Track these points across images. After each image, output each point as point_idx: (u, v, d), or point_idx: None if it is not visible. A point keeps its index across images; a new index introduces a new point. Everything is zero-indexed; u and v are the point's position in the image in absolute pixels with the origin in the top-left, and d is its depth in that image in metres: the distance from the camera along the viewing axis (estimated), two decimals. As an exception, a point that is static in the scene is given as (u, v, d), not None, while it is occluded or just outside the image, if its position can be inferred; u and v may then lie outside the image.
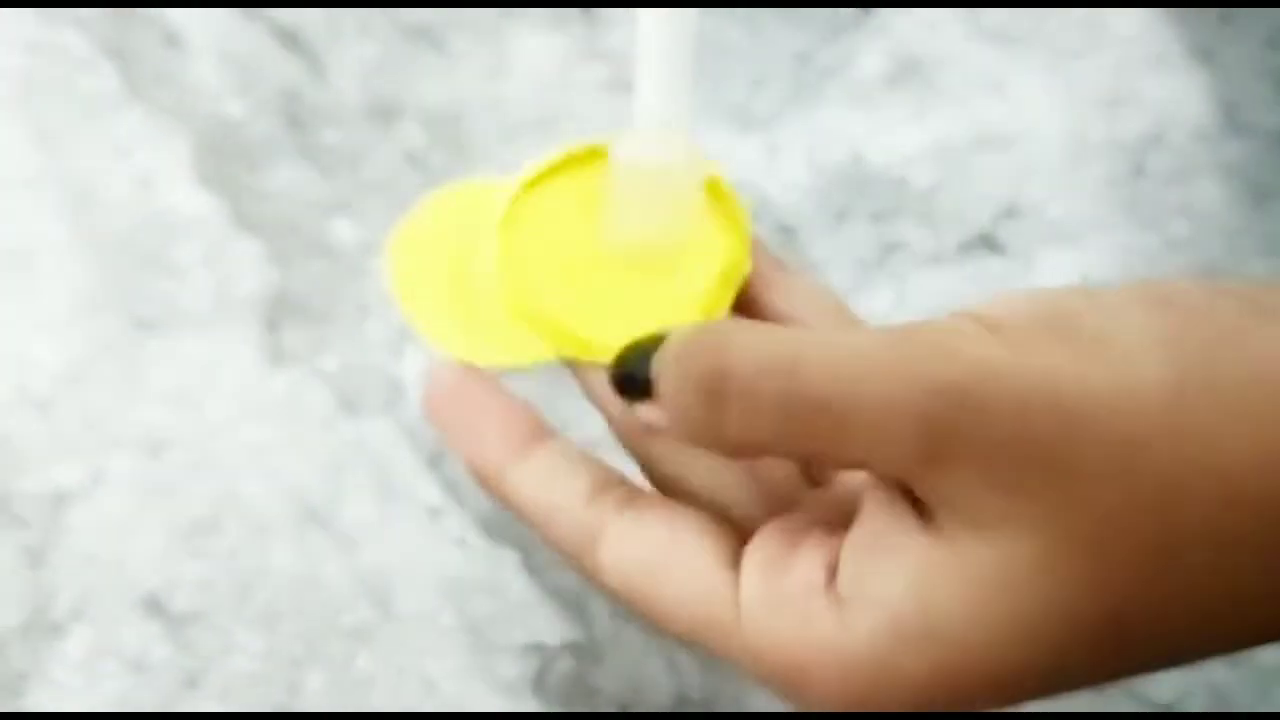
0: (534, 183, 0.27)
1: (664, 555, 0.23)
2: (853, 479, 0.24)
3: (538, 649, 0.34)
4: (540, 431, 0.26)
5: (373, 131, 0.41)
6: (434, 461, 0.36)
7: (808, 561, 0.22)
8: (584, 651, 0.34)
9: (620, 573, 0.24)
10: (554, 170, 0.27)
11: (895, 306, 0.39)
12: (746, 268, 0.27)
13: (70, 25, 0.42)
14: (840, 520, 0.23)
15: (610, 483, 0.25)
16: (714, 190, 0.27)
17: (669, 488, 0.26)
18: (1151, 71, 0.43)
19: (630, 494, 0.25)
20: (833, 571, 0.22)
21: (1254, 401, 0.19)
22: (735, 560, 0.23)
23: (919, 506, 0.21)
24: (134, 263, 0.39)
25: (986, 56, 0.43)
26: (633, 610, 0.24)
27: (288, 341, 0.37)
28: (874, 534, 0.21)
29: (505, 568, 0.34)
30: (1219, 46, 0.44)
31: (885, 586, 0.21)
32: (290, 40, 0.43)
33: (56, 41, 0.42)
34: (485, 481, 0.26)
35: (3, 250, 0.38)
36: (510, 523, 0.35)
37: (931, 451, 0.20)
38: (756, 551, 0.23)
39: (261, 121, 0.41)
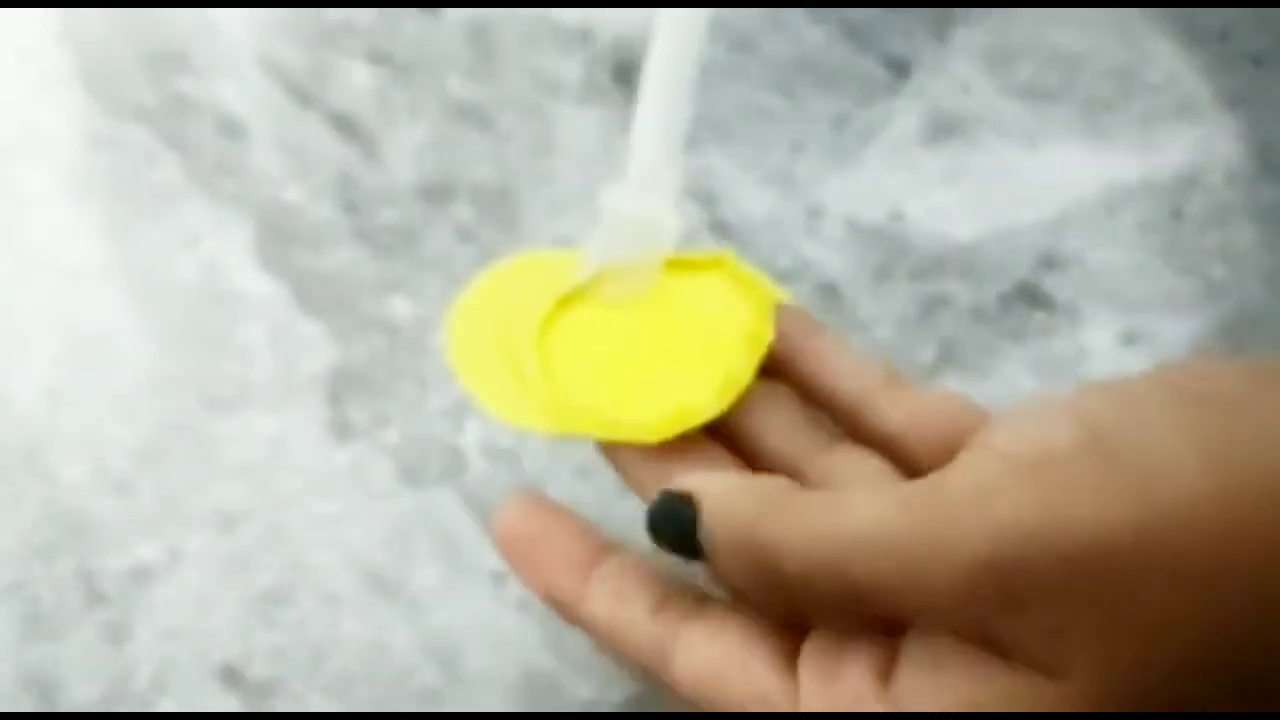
0: (567, 298, 0.29)
1: (729, 662, 0.25)
2: None
3: (603, 706, 0.34)
4: (604, 549, 0.28)
5: (426, 210, 0.43)
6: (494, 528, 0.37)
7: (858, 666, 0.23)
8: (646, 706, 0.34)
9: (691, 680, 0.25)
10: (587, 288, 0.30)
11: (941, 360, 0.40)
12: (769, 336, 0.28)
13: (132, 120, 0.44)
14: (887, 625, 0.24)
15: (673, 595, 0.26)
16: (729, 267, 0.29)
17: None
18: (1183, 118, 0.44)
19: (694, 603, 0.26)
20: (884, 672, 0.23)
21: None
22: (793, 663, 0.24)
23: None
24: (202, 345, 0.40)
25: (1019, 112, 0.44)
26: (705, 711, 0.25)
27: (351, 416, 0.39)
28: (935, 654, 0.22)
29: (567, 630, 0.35)
30: (1250, 91, 0.44)
31: (938, 698, 0.22)
32: (344, 125, 0.44)
33: (120, 136, 0.44)
34: (560, 610, 0.27)
35: (78, 337, 0.40)
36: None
37: (982, 616, 0.21)
38: (810, 657, 0.24)
39: (319, 205, 0.43)
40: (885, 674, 0.23)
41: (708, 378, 0.27)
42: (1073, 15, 0.46)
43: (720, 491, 0.24)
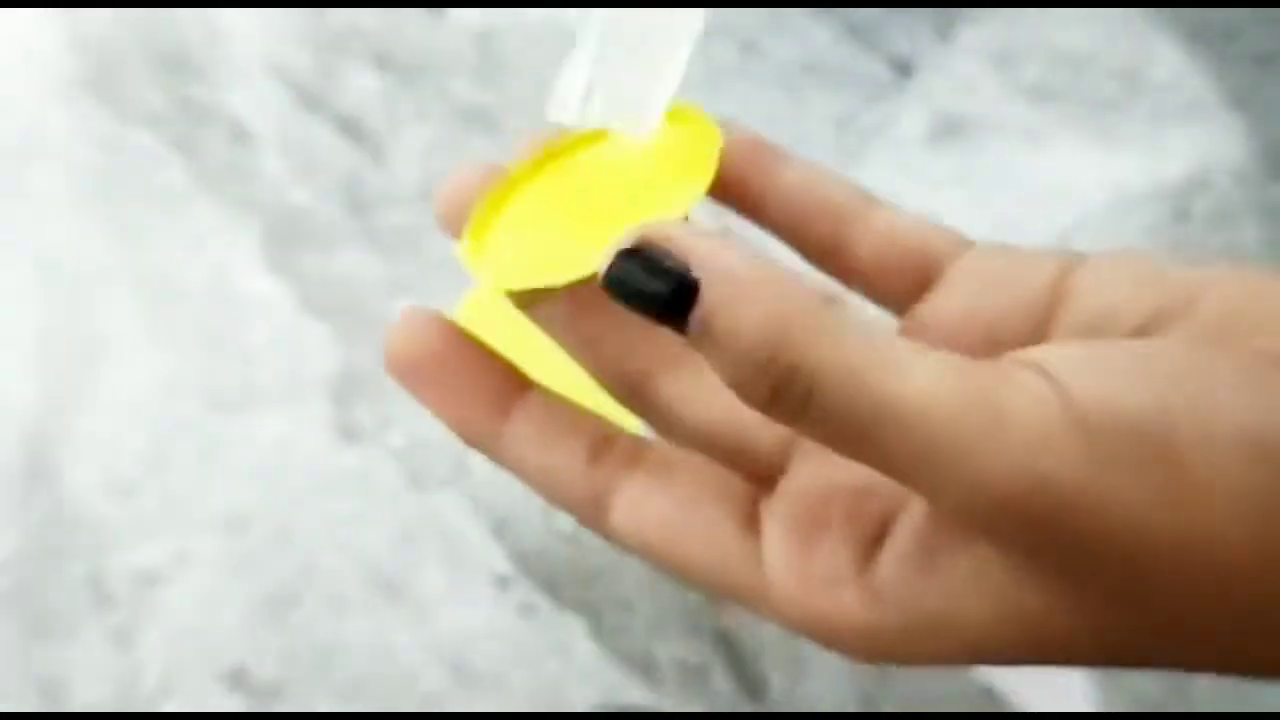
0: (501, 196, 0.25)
1: (680, 520, 0.23)
2: None
3: (607, 710, 0.34)
4: (523, 383, 0.24)
5: (431, 213, 0.43)
6: (500, 531, 0.37)
7: (836, 542, 0.22)
8: (652, 711, 0.34)
9: (636, 536, 0.23)
10: (530, 169, 0.25)
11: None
12: (711, 169, 0.23)
13: (141, 124, 0.45)
14: (866, 489, 0.22)
15: (608, 438, 0.24)
16: (682, 115, 0.25)
17: (666, 427, 0.25)
18: (1189, 118, 0.44)
19: (633, 449, 0.24)
20: (863, 553, 0.22)
21: None
22: (753, 518, 0.23)
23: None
24: (209, 347, 0.40)
25: (1024, 113, 0.44)
26: (651, 566, 0.23)
27: (357, 418, 0.39)
28: (922, 545, 0.21)
29: (572, 632, 0.35)
30: (1256, 91, 0.44)
31: (922, 598, 0.21)
32: (351, 129, 0.45)
33: (129, 140, 0.44)
34: (474, 443, 0.24)
35: (85, 339, 0.40)
36: (577, 588, 0.36)
37: (990, 532, 0.20)
38: (778, 518, 0.22)
39: (326, 208, 0.43)
40: (868, 548, 0.22)
41: (662, 197, 0.23)
42: (1077, 15, 0.46)
43: (737, 275, 0.19)
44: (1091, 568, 0.19)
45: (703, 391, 0.24)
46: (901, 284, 0.25)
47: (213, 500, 0.38)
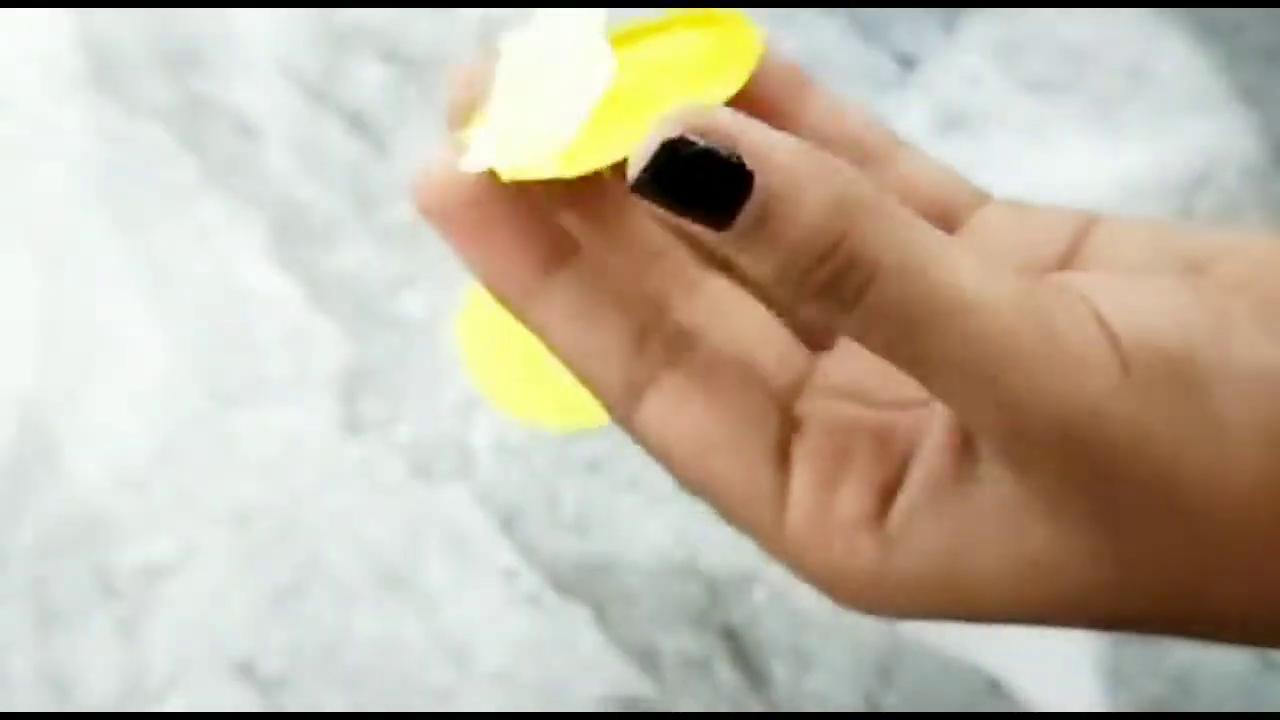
0: None
1: (712, 435, 0.22)
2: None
3: (612, 702, 0.35)
4: (570, 244, 0.22)
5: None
6: (506, 524, 0.37)
7: (857, 486, 0.21)
8: (656, 704, 0.35)
9: (661, 437, 0.22)
10: None
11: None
12: (757, 48, 0.22)
13: (148, 119, 0.45)
14: (887, 436, 0.22)
15: (652, 326, 0.22)
16: (710, 22, 0.24)
17: (695, 332, 0.23)
18: (1196, 112, 0.44)
19: (676, 344, 0.22)
20: (882, 500, 0.21)
21: None
22: (784, 453, 0.22)
23: (979, 456, 0.21)
24: (217, 342, 0.40)
25: (1030, 107, 0.44)
26: (664, 468, 0.22)
27: (364, 412, 0.39)
28: (934, 488, 0.21)
29: (578, 624, 0.35)
30: (1263, 85, 0.44)
31: (933, 541, 0.21)
32: (357, 123, 0.45)
33: (137, 134, 0.45)
34: (504, 300, 0.23)
35: (94, 335, 0.41)
36: (582, 581, 0.36)
37: (1012, 445, 0.20)
38: (807, 457, 0.22)
39: (332, 203, 0.43)
40: (886, 494, 0.21)
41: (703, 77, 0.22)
42: (1082, 9, 0.45)
43: (793, 163, 0.18)
44: (1122, 501, 0.19)
45: (718, 321, 0.23)
46: None
47: (219, 494, 0.38)
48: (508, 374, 0.38)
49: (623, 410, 0.22)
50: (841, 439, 0.22)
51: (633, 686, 0.35)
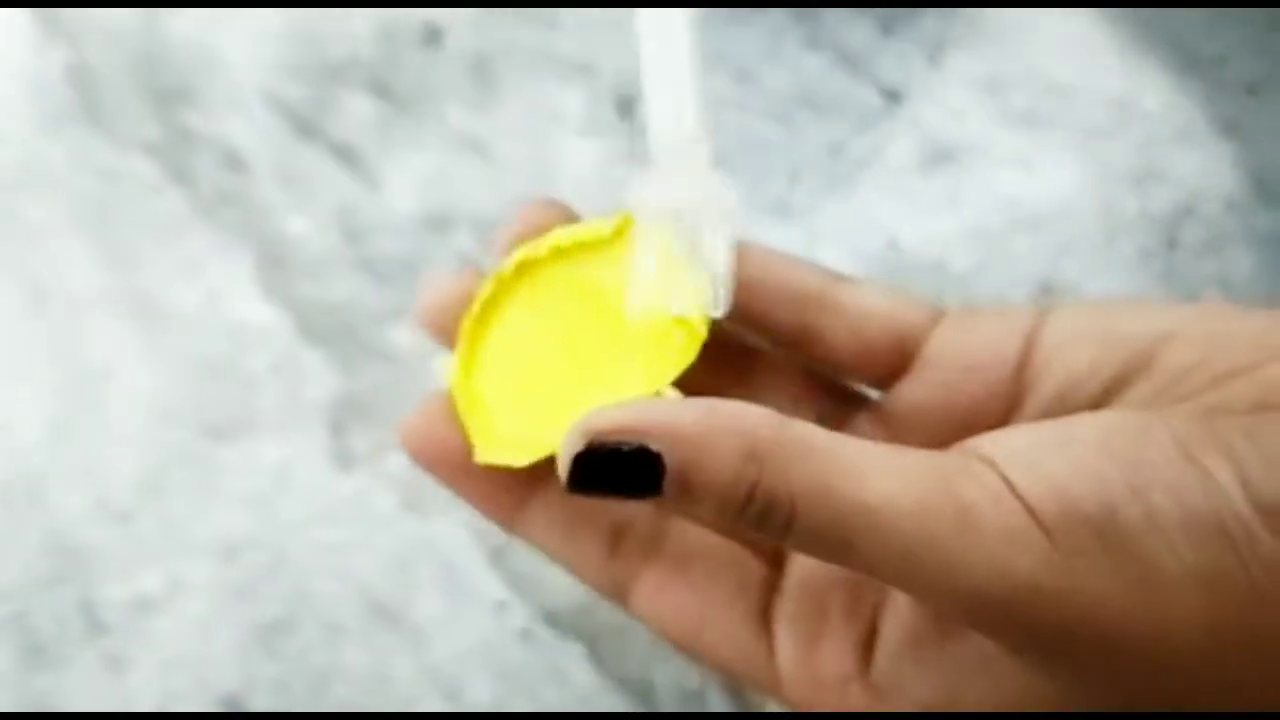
0: (490, 304, 0.26)
1: (697, 615, 0.24)
2: None
3: (605, 737, 0.34)
4: (539, 474, 0.25)
5: (427, 240, 0.43)
6: (497, 557, 0.37)
7: (837, 644, 0.23)
8: (649, 711, 0.34)
9: (656, 622, 0.24)
10: (497, 295, 0.26)
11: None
12: (702, 333, 0.24)
13: (136, 152, 0.45)
14: (858, 589, 0.23)
15: (625, 528, 0.25)
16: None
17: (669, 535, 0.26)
18: (1179, 146, 0.44)
19: (651, 538, 0.25)
20: (863, 652, 0.23)
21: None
22: (766, 615, 0.24)
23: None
24: (205, 374, 0.40)
25: (1015, 139, 0.44)
26: (670, 648, 0.24)
27: (353, 445, 0.39)
28: (914, 642, 0.22)
29: (571, 658, 0.35)
30: (1245, 118, 0.45)
31: (921, 689, 0.22)
32: (346, 156, 0.45)
33: (126, 167, 0.45)
34: (506, 529, 0.26)
35: (80, 367, 0.40)
36: (575, 614, 0.36)
37: (972, 625, 0.21)
38: (787, 621, 0.23)
39: (321, 235, 0.43)
40: (865, 648, 0.23)
41: (642, 374, 0.24)
42: (1067, 44, 0.46)
43: (694, 431, 0.20)
44: (1070, 655, 0.20)
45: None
46: (878, 367, 0.26)
47: (207, 527, 0.37)
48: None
49: (619, 603, 0.25)
50: (816, 598, 0.24)
51: (625, 720, 0.34)
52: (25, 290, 0.42)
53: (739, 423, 0.20)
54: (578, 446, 0.20)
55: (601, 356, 0.24)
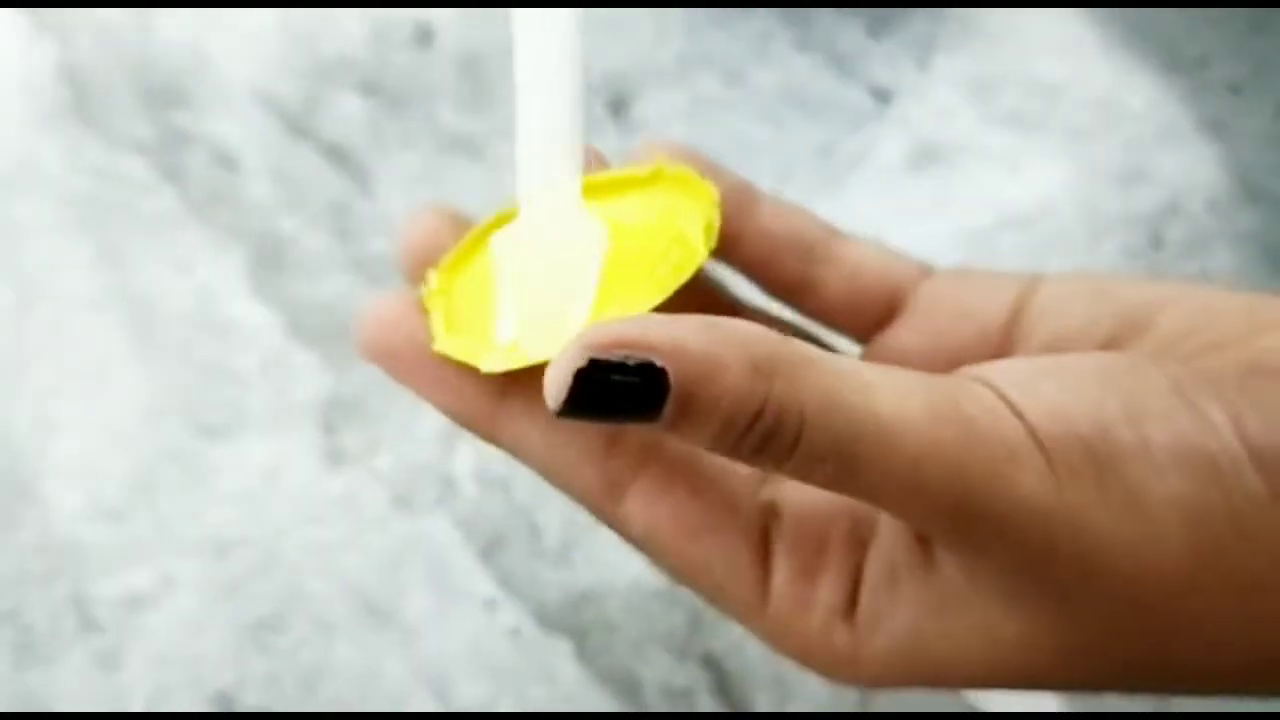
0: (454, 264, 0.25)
1: (694, 523, 0.23)
2: None
3: (594, 733, 0.35)
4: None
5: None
6: (487, 555, 0.37)
7: (834, 576, 0.23)
8: (643, 711, 0.35)
9: (647, 531, 0.23)
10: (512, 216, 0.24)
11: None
12: (707, 246, 0.23)
13: (128, 151, 0.45)
14: (857, 523, 0.23)
15: (623, 430, 0.23)
16: (667, 178, 0.25)
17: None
18: (1164, 146, 0.44)
19: (650, 441, 0.23)
20: (852, 596, 0.22)
21: (1260, 600, 0.20)
22: (764, 541, 0.23)
23: (933, 544, 0.22)
24: (196, 373, 0.40)
25: (1002, 140, 0.45)
26: (652, 561, 0.23)
27: (344, 443, 0.39)
28: (889, 572, 0.22)
29: (559, 656, 0.35)
30: (1230, 118, 0.45)
31: (901, 625, 0.22)
32: (337, 156, 0.45)
33: (118, 167, 0.45)
34: (474, 431, 0.23)
35: (72, 366, 0.41)
36: (563, 611, 0.36)
37: (961, 543, 0.21)
38: (786, 548, 0.23)
39: (312, 235, 0.43)
40: (856, 584, 0.22)
41: (640, 283, 0.22)
42: (1054, 45, 0.46)
43: (703, 351, 0.19)
44: (1066, 583, 0.20)
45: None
46: (867, 317, 0.26)
47: (199, 525, 0.38)
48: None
49: (605, 507, 0.23)
50: (817, 527, 0.23)
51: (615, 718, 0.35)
52: (16, 289, 0.42)
53: (744, 336, 0.19)
54: (578, 361, 0.19)
55: (600, 280, 0.23)
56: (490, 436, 0.23)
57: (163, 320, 0.41)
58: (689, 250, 0.22)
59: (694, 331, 0.19)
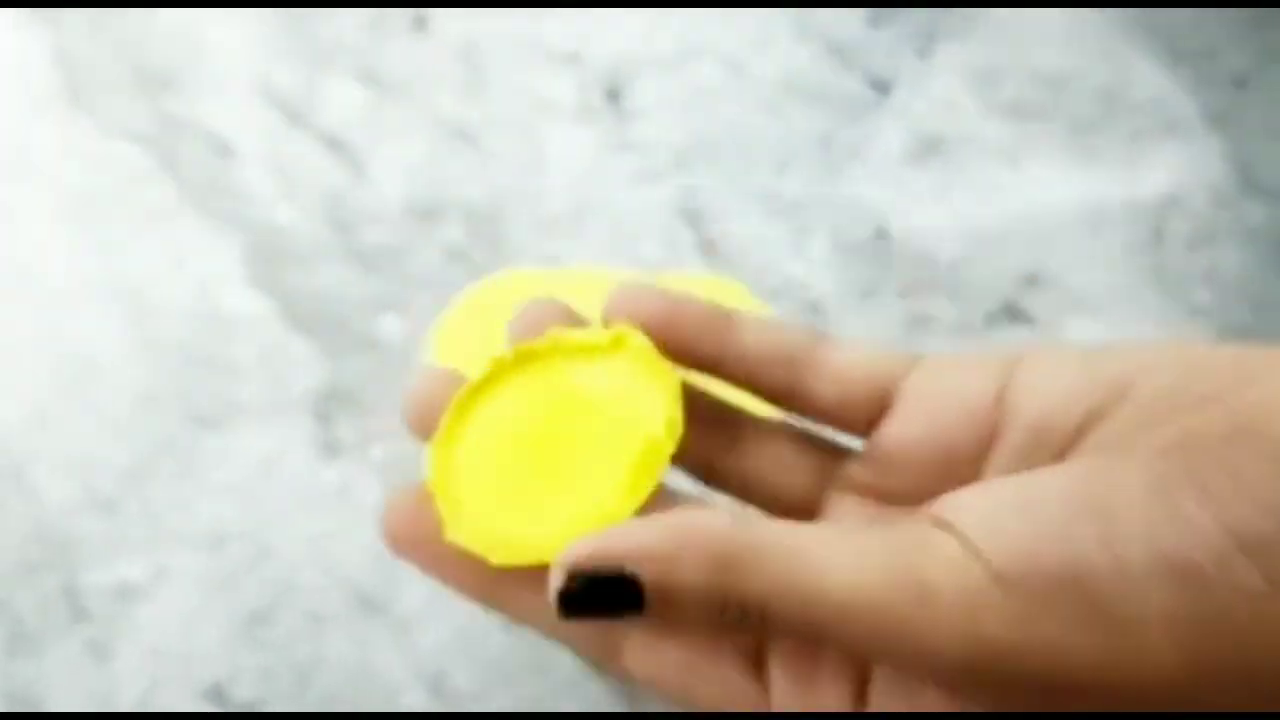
0: (469, 398, 0.27)
1: (691, 666, 0.24)
2: None
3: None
4: None
5: (415, 229, 0.43)
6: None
7: (833, 683, 0.24)
8: (641, 711, 0.34)
9: (649, 678, 0.25)
10: (490, 380, 0.27)
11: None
12: (670, 446, 0.25)
13: (124, 140, 0.45)
14: None
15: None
16: (630, 347, 0.26)
17: None
18: (1167, 138, 0.44)
19: None
20: (858, 688, 0.24)
21: (1260, 694, 0.20)
22: (759, 659, 0.24)
23: None
24: (192, 363, 0.40)
25: (1004, 131, 0.44)
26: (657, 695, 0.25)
27: (340, 434, 0.39)
28: (902, 687, 0.23)
29: (552, 648, 0.35)
30: (1233, 111, 0.45)
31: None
32: (334, 145, 0.45)
33: (115, 155, 0.44)
34: (486, 606, 0.26)
35: (68, 355, 0.40)
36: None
37: (961, 694, 0.22)
38: (779, 659, 0.24)
39: (309, 224, 0.43)
40: (861, 682, 0.24)
41: (614, 481, 0.25)
42: (1057, 35, 0.46)
43: (665, 554, 0.21)
44: (1042, 708, 0.21)
45: None
46: (860, 415, 0.27)
47: (192, 516, 0.37)
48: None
49: (608, 664, 0.25)
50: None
51: (608, 708, 0.35)
52: (12, 277, 0.42)
53: (704, 534, 0.22)
54: (559, 583, 0.22)
55: (577, 463, 0.26)
56: (501, 610, 0.26)
57: (157, 309, 0.41)
58: (655, 450, 0.25)
59: (658, 536, 0.22)
